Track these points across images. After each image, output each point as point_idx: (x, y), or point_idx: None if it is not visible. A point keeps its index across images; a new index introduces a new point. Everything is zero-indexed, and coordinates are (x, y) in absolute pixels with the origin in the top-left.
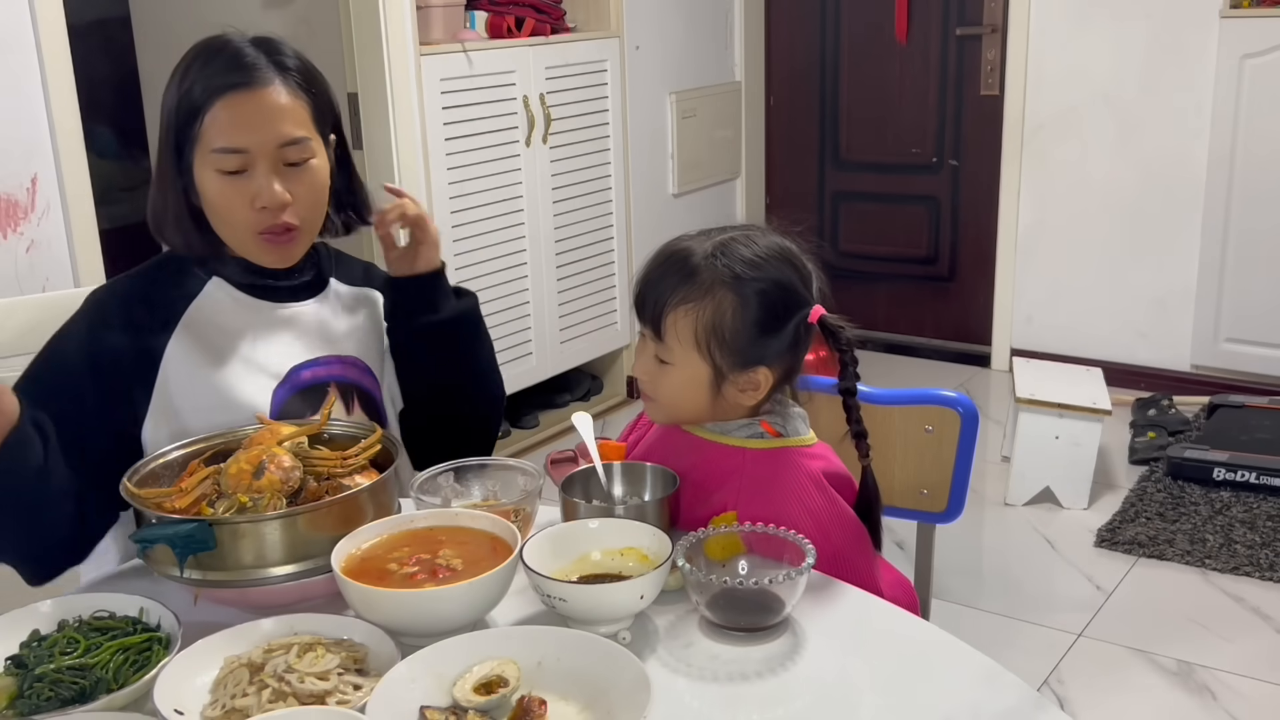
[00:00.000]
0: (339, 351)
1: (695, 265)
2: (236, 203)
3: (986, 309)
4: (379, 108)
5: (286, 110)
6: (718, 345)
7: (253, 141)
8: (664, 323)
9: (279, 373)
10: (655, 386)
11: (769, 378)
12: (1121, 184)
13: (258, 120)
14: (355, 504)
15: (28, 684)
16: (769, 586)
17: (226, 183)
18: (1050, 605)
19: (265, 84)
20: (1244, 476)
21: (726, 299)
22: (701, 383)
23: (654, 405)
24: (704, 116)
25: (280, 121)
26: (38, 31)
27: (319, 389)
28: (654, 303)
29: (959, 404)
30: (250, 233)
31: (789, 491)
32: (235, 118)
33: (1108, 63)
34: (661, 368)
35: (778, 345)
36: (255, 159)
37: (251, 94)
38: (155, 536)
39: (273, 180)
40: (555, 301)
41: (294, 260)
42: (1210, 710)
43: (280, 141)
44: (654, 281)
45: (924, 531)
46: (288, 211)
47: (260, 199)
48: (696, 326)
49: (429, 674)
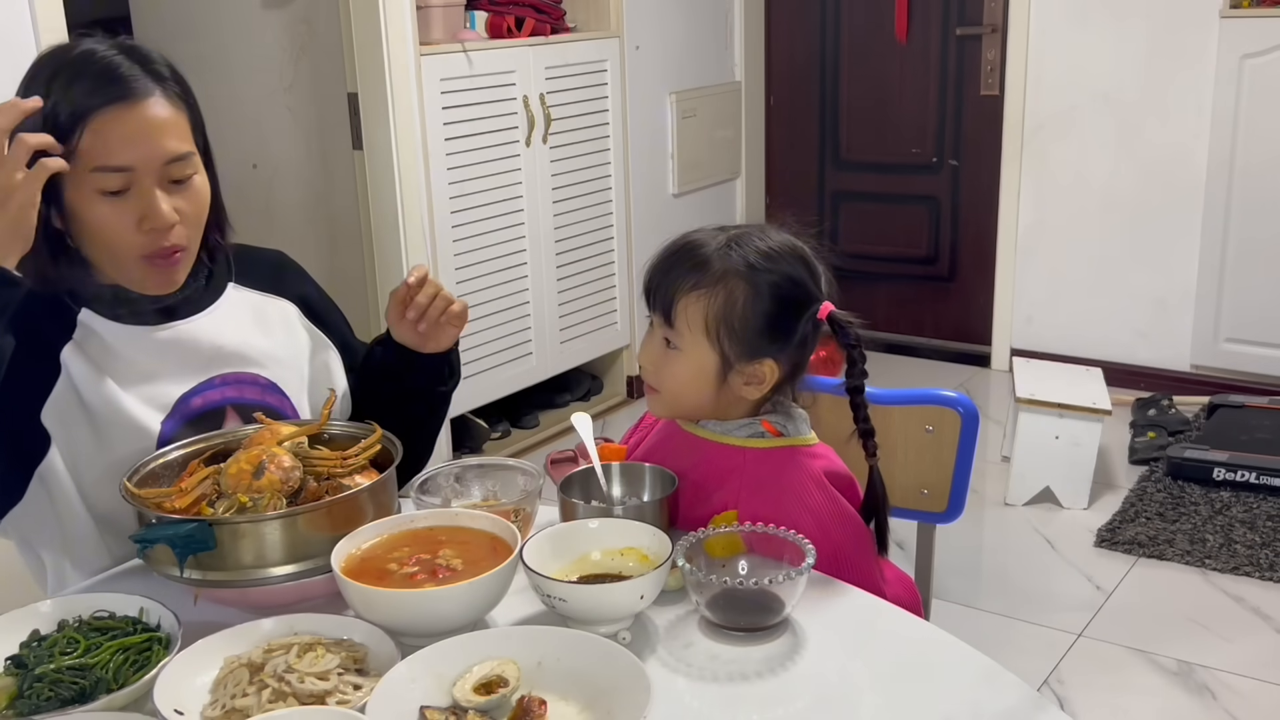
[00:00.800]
0: (236, 368)
1: (709, 254)
2: (121, 225)
3: (986, 309)
4: (379, 108)
5: (169, 124)
6: (727, 333)
7: (137, 159)
8: (675, 308)
9: (166, 404)
10: (660, 375)
11: (774, 371)
12: (1121, 184)
13: (141, 136)
14: (355, 504)
15: (28, 684)
16: (769, 586)
17: (108, 205)
18: (1050, 605)
19: (145, 95)
20: (1244, 476)
21: (739, 288)
22: (708, 371)
23: (657, 398)
24: (704, 116)
25: (164, 136)
26: (38, 31)
27: (214, 415)
28: (666, 288)
29: (959, 404)
30: (134, 257)
31: (790, 491)
32: (116, 135)
33: (1108, 63)
34: (668, 355)
35: (786, 339)
36: (139, 177)
37: (132, 108)
38: (155, 536)
39: (159, 199)
40: (555, 301)
41: (177, 285)
42: (1210, 710)
43: (166, 158)
44: (667, 268)
45: (924, 531)
46: (175, 232)
47: (148, 220)
48: (708, 313)
49: (429, 674)
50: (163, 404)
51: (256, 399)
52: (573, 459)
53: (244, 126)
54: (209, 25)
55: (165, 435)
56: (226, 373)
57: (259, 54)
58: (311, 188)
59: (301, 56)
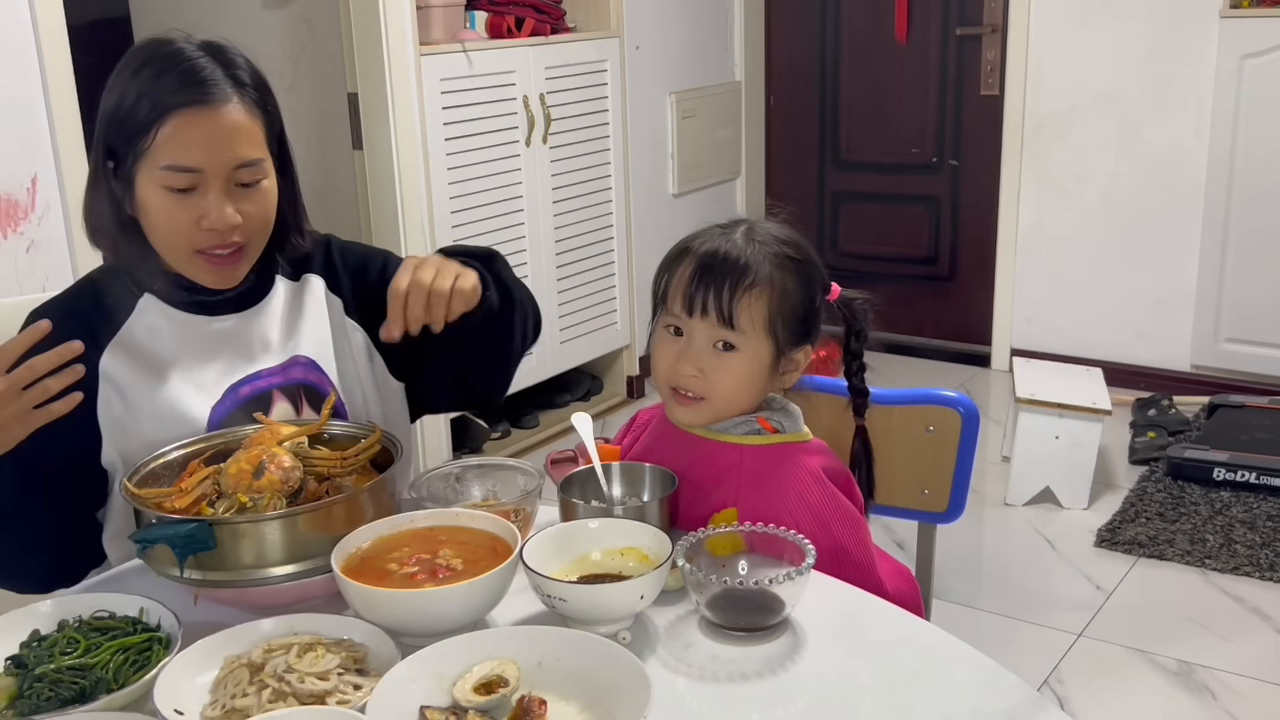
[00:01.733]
0: (280, 359)
1: (743, 253)
2: (181, 221)
3: (986, 309)
4: (379, 108)
5: (243, 130)
6: (783, 323)
7: (207, 162)
8: (737, 308)
9: (216, 392)
10: (712, 380)
11: (808, 355)
12: (1121, 184)
13: (214, 140)
14: (355, 504)
15: (28, 684)
16: (769, 586)
17: (173, 200)
18: (1050, 605)
19: (222, 101)
20: (1244, 476)
21: (786, 280)
22: (764, 365)
23: (702, 406)
24: (704, 116)
25: (236, 143)
26: (38, 31)
27: (261, 399)
28: (722, 294)
29: (959, 404)
30: (189, 252)
31: (788, 486)
32: (190, 137)
33: (1108, 63)
34: (720, 358)
35: (816, 322)
36: (207, 179)
37: (208, 112)
38: (155, 536)
39: (224, 202)
40: (555, 302)
41: (235, 281)
42: (1210, 710)
43: (236, 164)
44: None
45: (924, 531)
46: (235, 232)
47: (208, 220)
48: (769, 306)
49: (429, 674)
50: (212, 392)
51: (300, 379)
52: (573, 459)
53: None
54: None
55: (215, 421)
56: (274, 365)
57: (259, 54)
58: (311, 188)
59: (301, 56)
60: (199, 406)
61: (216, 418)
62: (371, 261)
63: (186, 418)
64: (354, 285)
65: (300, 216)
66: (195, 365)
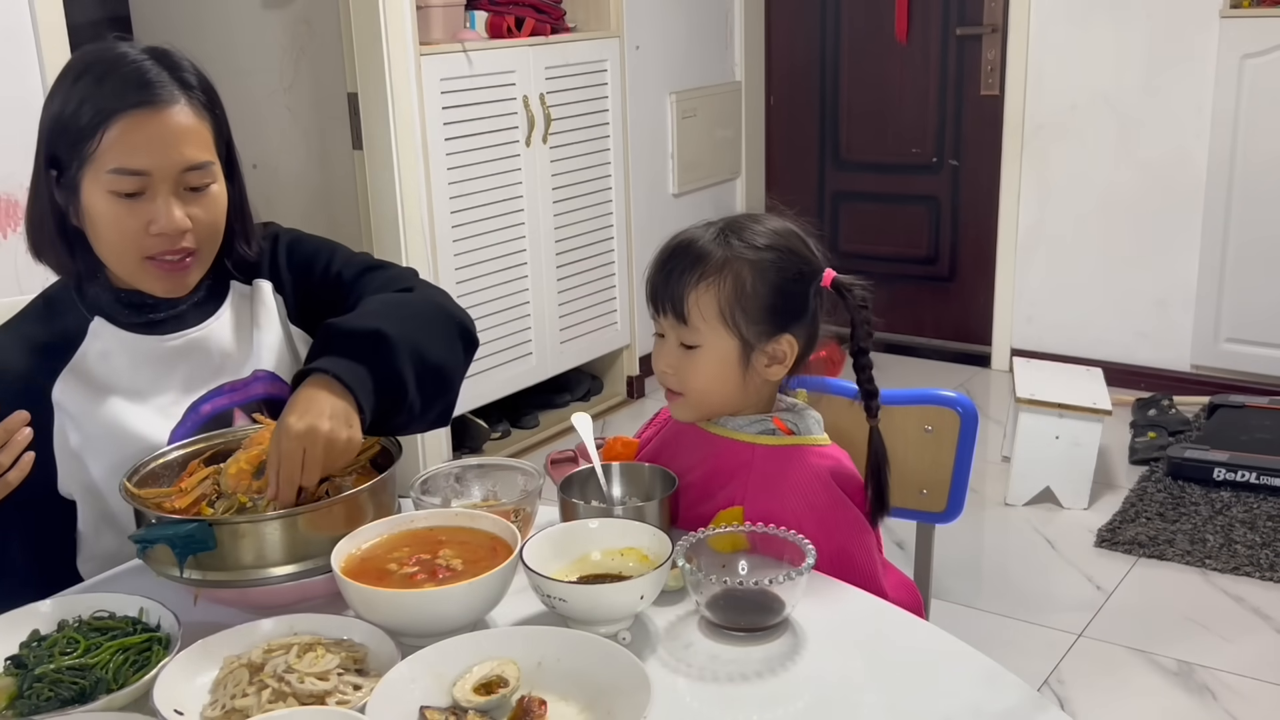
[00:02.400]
0: (242, 372)
1: (705, 245)
2: (129, 226)
3: (986, 309)
4: (379, 108)
5: (190, 132)
6: (742, 315)
7: (155, 164)
8: (686, 304)
9: (176, 414)
10: (683, 378)
11: (793, 346)
12: (1121, 184)
13: (160, 142)
14: (355, 504)
15: (28, 684)
16: (769, 586)
17: (120, 205)
18: (1050, 605)
19: (169, 103)
20: (1244, 476)
21: (744, 269)
22: (730, 360)
23: (682, 402)
24: (704, 116)
25: (184, 144)
26: (38, 31)
27: (222, 418)
28: (672, 288)
29: (959, 404)
30: (138, 259)
31: (794, 488)
32: (137, 139)
33: (1108, 63)
34: (687, 355)
35: (799, 311)
36: (155, 182)
37: (155, 114)
38: (155, 536)
39: (173, 205)
40: (555, 301)
41: (186, 290)
42: (1210, 710)
43: (184, 166)
44: (667, 270)
45: (924, 531)
46: (185, 237)
47: (157, 224)
48: (719, 299)
49: (429, 674)
50: (173, 414)
51: (262, 394)
52: (573, 459)
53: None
54: (209, 25)
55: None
56: (235, 380)
57: (259, 54)
58: (311, 188)
59: (301, 56)
60: (158, 430)
61: (176, 440)
62: (317, 257)
63: (145, 443)
64: (296, 284)
65: (248, 224)
66: (151, 388)
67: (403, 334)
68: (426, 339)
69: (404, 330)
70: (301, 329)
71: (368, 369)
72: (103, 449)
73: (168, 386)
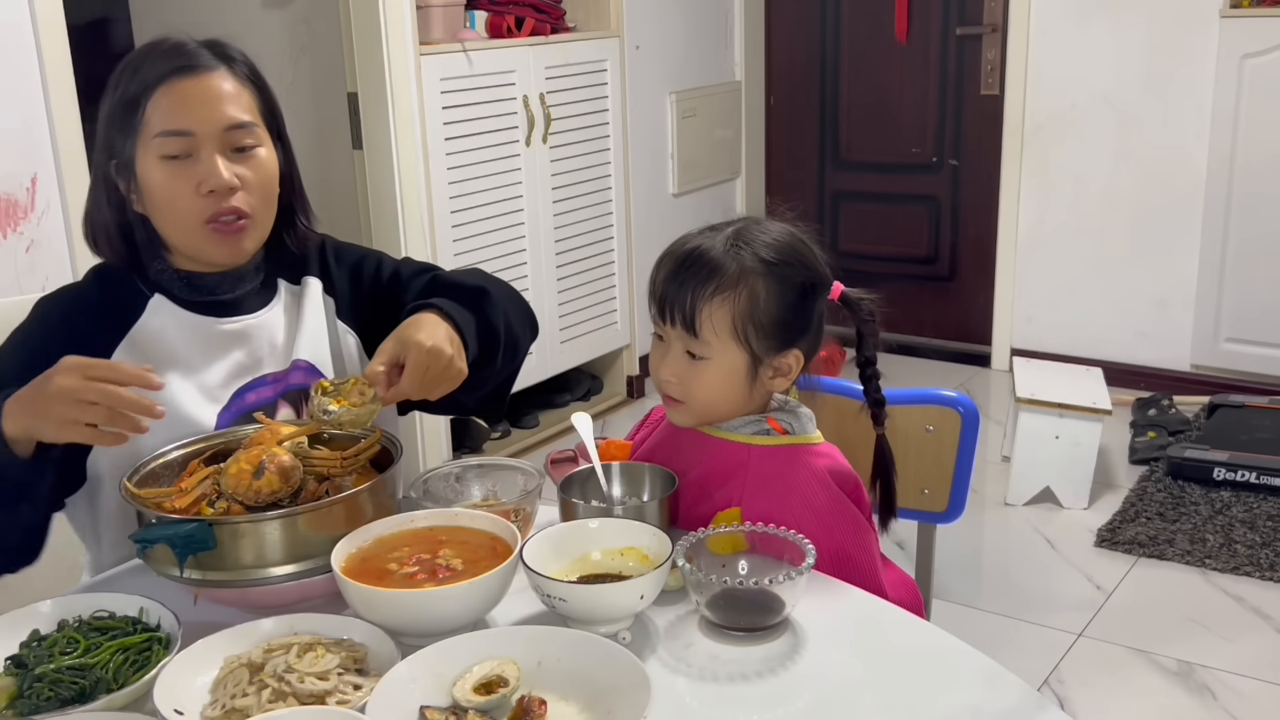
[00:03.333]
0: (284, 364)
1: (718, 257)
2: (181, 189)
3: (986, 309)
4: (379, 108)
5: (232, 95)
6: (754, 331)
7: (197, 123)
8: (699, 316)
9: (223, 398)
10: (687, 387)
11: (799, 360)
12: (1121, 184)
13: (202, 102)
14: (355, 504)
15: (28, 684)
16: (769, 586)
17: (170, 169)
18: (1050, 605)
19: (209, 68)
20: (1244, 476)
21: (759, 284)
22: (739, 373)
23: (682, 409)
24: (704, 116)
25: (226, 104)
26: (38, 31)
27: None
28: (685, 300)
29: (959, 404)
30: (197, 222)
31: (794, 489)
32: (179, 101)
33: (1108, 63)
34: (694, 366)
35: (807, 325)
36: (200, 142)
37: (196, 78)
38: (155, 536)
39: (218, 162)
40: (555, 302)
41: (244, 256)
42: (1210, 710)
43: (227, 124)
44: (679, 280)
45: (924, 531)
46: (237, 197)
47: (207, 182)
48: (734, 315)
49: (429, 674)
50: (220, 397)
51: (301, 383)
52: (573, 459)
53: None
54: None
55: (221, 425)
56: (278, 370)
57: (259, 54)
58: (311, 187)
59: (301, 56)
60: (207, 413)
61: (222, 424)
62: (366, 262)
63: (195, 424)
64: (349, 286)
65: (304, 199)
66: (201, 368)
67: (498, 297)
68: (513, 309)
69: (499, 295)
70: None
71: (473, 316)
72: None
73: (218, 370)
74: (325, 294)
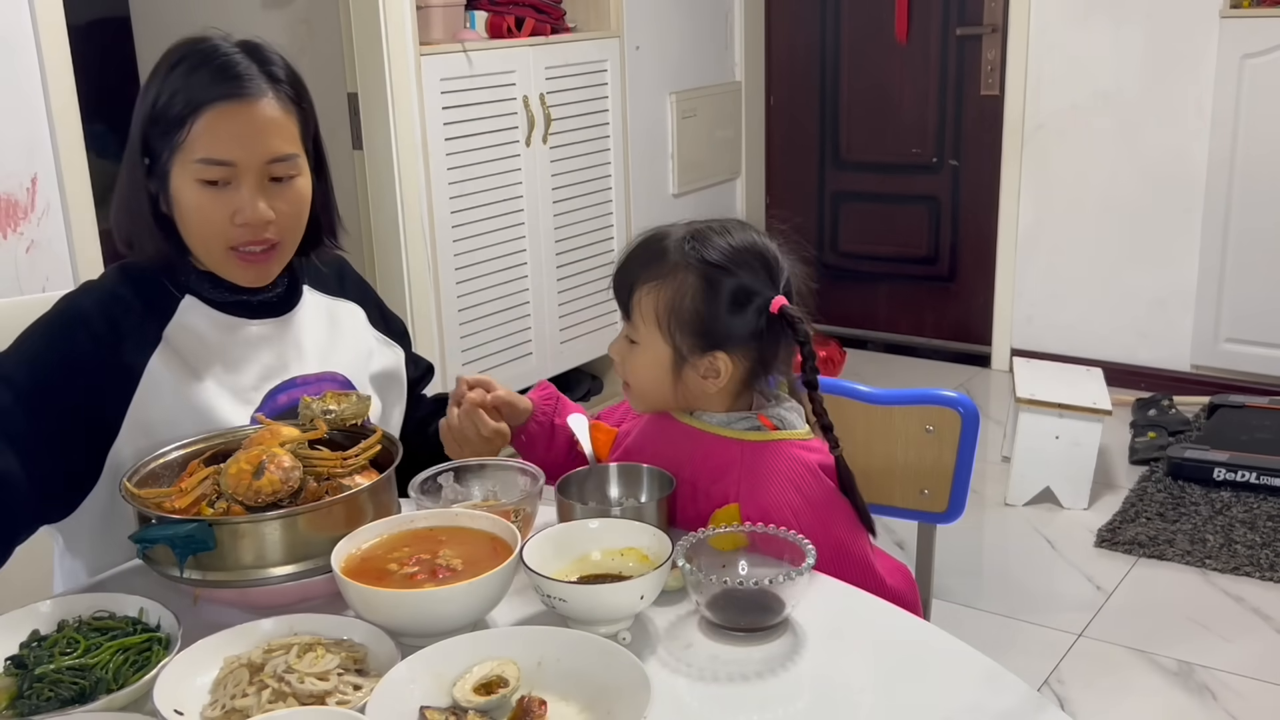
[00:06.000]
0: (313, 369)
1: (666, 248)
2: (215, 215)
3: (986, 309)
4: (379, 108)
5: (278, 125)
6: (677, 326)
7: (241, 155)
8: (632, 301)
9: (256, 399)
10: (625, 368)
11: (729, 365)
12: (1121, 184)
13: (248, 134)
14: (355, 504)
15: (28, 684)
16: (769, 586)
17: (206, 194)
18: (1050, 605)
19: (257, 96)
20: (1244, 476)
21: (688, 281)
22: (663, 364)
23: (629, 391)
24: (704, 116)
25: (271, 136)
26: (38, 31)
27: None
28: (625, 283)
29: (959, 404)
30: (223, 247)
31: (788, 481)
32: (225, 130)
33: (1108, 63)
34: (630, 348)
35: (737, 332)
36: (241, 173)
37: (243, 106)
38: (155, 536)
39: (257, 196)
40: (555, 301)
41: (268, 279)
42: (1210, 710)
43: (269, 157)
44: (628, 263)
45: (924, 532)
46: (269, 229)
47: (242, 214)
48: (658, 305)
49: (429, 674)
50: (252, 399)
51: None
52: None
53: None
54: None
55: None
56: (308, 374)
57: None
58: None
59: (301, 56)
60: (239, 415)
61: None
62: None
63: (226, 421)
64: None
65: (333, 218)
66: (232, 370)
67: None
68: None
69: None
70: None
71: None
72: (183, 425)
73: (249, 371)
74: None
